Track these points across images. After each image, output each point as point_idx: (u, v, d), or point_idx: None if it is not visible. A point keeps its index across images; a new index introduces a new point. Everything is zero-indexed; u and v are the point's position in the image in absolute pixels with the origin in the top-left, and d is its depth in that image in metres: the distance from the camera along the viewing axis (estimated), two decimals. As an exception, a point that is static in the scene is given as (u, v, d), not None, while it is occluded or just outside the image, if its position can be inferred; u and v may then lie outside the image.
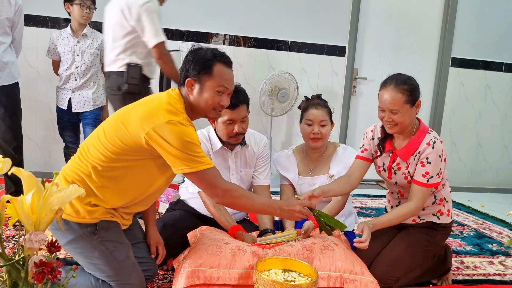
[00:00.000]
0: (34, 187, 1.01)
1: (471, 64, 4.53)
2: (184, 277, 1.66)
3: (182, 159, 1.57)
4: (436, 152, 1.89)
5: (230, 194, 1.65)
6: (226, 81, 1.71)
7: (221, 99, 1.71)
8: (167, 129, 1.56)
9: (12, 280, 1.01)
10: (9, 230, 2.41)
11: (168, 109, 1.62)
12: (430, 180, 1.90)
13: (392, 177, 2.06)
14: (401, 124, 1.92)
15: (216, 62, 1.71)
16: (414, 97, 1.93)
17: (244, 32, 4.07)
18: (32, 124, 3.70)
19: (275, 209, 1.74)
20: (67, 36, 3.09)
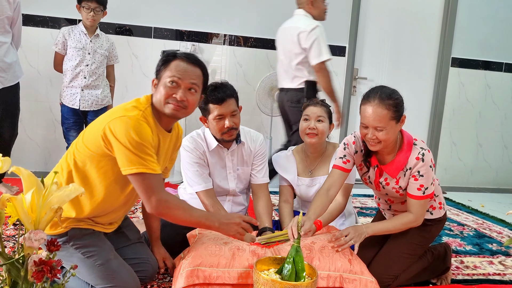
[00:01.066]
0: (34, 186, 1.02)
1: (471, 64, 4.53)
2: (183, 277, 1.66)
3: (127, 157, 1.51)
4: (426, 164, 1.85)
5: (165, 205, 1.58)
6: (179, 72, 1.64)
7: (174, 91, 1.63)
8: (118, 123, 1.53)
9: (12, 278, 1.01)
10: (9, 230, 2.41)
11: (125, 107, 1.62)
12: (426, 191, 1.88)
13: (381, 189, 2.03)
14: (385, 142, 1.81)
15: (177, 58, 1.67)
16: (399, 113, 1.81)
17: (244, 32, 4.07)
18: (32, 124, 3.70)
19: (214, 222, 1.67)
20: (80, 33, 3.10)
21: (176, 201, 1.65)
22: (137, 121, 1.55)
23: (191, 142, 2.19)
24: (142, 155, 1.53)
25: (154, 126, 1.66)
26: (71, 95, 3.13)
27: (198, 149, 2.17)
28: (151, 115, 1.66)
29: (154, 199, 1.56)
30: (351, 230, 1.87)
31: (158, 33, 3.90)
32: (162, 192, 1.60)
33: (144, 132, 1.55)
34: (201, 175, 2.16)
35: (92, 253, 1.66)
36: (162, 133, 1.71)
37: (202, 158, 2.18)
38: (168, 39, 3.93)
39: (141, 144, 1.53)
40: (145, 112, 1.62)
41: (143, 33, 3.87)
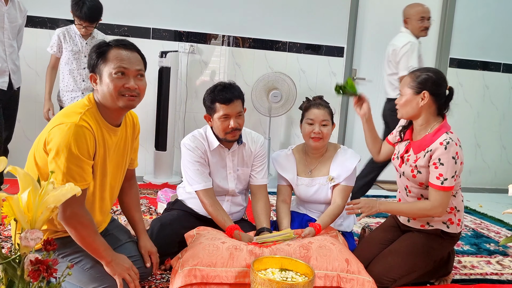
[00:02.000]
0: (30, 185, 1.02)
1: (469, 64, 4.54)
2: (181, 276, 1.66)
3: (59, 168, 1.47)
4: (448, 153, 1.84)
5: (77, 219, 1.53)
6: (123, 61, 1.57)
7: (124, 82, 1.57)
8: (56, 133, 1.49)
9: (8, 278, 1.01)
10: (7, 231, 2.41)
11: (65, 112, 1.57)
12: (445, 182, 1.86)
13: (401, 166, 2.05)
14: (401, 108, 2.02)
15: (111, 47, 1.59)
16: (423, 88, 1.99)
17: (243, 33, 4.08)
18: (31, 125, 3.71)
19: (108, 256, 1.61)
20: (75, 36, 3.09)
21: (88, 221, 1.57)
22: (75, 128, 1.49)
23: (193, 141, 2.19)
24: (75, 170, 1.50)
25: (98, 126, 1.60)
26: (72, 99, 3.13)
27: (199, 148, 2.18)
28: (94, 114, 1.60)
29: (69, 211, 1.51)
30: (363, 200, 1.93)
31: (156, 34, 3.91)
32: (80, 206, 1.54)
33: (82, 141, 1.51)
34: (202, 174, 2.16)
35: (79, 259, 1.65)
36: (110, 130, 1.66)
37: (203, 157, 2.19)
38: (167, 40, 3.93)
39: (77, 157, 1.49)
40: (86, 114, 1.56)
41: (141, 34, 3.88)
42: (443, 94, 1.98)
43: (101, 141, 1.62)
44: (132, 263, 1.69)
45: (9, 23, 2.81)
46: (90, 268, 1.65)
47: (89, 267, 1.65)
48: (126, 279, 1.63)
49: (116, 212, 2.88)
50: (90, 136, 1.54)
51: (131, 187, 1.94)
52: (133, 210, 1.92)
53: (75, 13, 2.95)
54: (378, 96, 4.48)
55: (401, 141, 2.12)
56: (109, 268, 1.62)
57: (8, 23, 2.81)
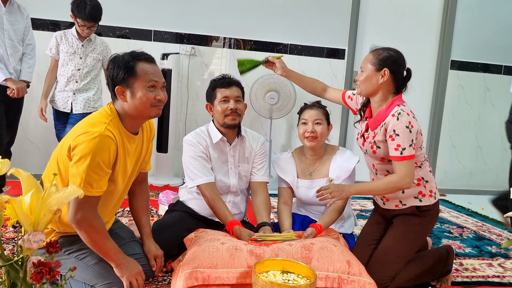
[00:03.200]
0: (33, 187, 1.02)
1: (470, 66, 4.54)
2: (182, 279, 1.66)
3: (78, 175, 1.55)
4: (401, 123, 1.87)
5: (87, 222, 1.59)
6: (152, 75, 1.69)
7: (155, 93, 1.69)
8: (80, 140, 1.56)
9: (11, 280, 1.02)
10: (9, 232, 2.42)
11: (90, 122, 1.65)
12: (404, 152, 1.88)
13: (364, 144, 2.08)
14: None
15: (137, 62, 1.69)
16: None
17: (244, 35, 4.08)
18: (32, 127, 3.71)
19: (119, 259, 1.66)
20: (72, 38, 3.10)
21: (99, 226, 1.63)
22: (100, 137, 1.57)
23: (194, 137, 2.25)
24: (94, 177, 1.56)
25: (120, 136, 1.68)
26: (63, 98, 3.14)
27: (201, 143, 2.22)
28: (116, 125, 1.68)
29: (81, 214, 1.57)
30: (332, 185, 1.96)
31: (158, 36, 3.92)
32: (92, 211, 1.61)
33: (105, 151, 1.58)
34: (204, 168, 2.19)
35: (84, 255, 1.70)
36: (130, 138, 1.74)
37: (204, 152, 2.22)
38: (168, 42, 3.94)
39: (98, 166, 1.56)
40: (110, 124, 1.64)
41: (143, 36, 3.89)
42: (402, 73, 2.01)
43: (122, 149, 1.69)
44: (141, 268, 1.73)
45: (10, 25, 2.89)
46: (95, 264, 1.69)
47: (94, 263, 1.69)
48: (133, 284, 1.68)
49: (117, 214, 2.88)
50: (113, 146, 1.62)
51: (142, 191, 2.00)
52: (141, 214, 1.97)
53: (79, 14, 2.96)
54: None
55: (361, 120, 2.14)
56: (118, 270, 1.67)
57: (9, 25, 2.88)
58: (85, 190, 1.54)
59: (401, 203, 2.04)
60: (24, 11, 2.97)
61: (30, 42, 3.05)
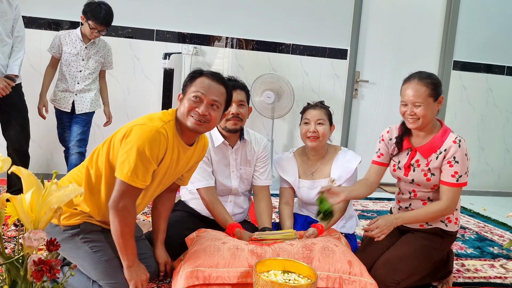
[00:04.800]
0: (34, 186, 1.02)
1: (473, 67, 4.53)
2: (183, 278, 1.66)
3: (127, 164, 1.58)
4: (462, 150, 1.90)
5: (124, 213, 1.61)
6: (203, 88, 1.71)
7: (198, 105, 1.70)
8: (137, 129, 1.61)
9: (11, 278, 1.02)
10: (10, 231, 2.42)
11: (151, 116, 1.70)
12: (460, 179, 1.91)
13: (409, 174, 2.05)
14: (423, 118, 1.91)
15: (203, 75, 1.75)
16: (437, 91, 1.94)
17: (246, 35, 4.08)
18: (34, 126, 3.70)
19: (131, 260, 1.67)
20: (76, 39, 3.09)
21: (132, 220, 1.66)
22: (155, 132, 1.61)
23: None
24: (141, 168, 1.59)
25: (173, 139, 1.70)
26: (64, 98, 3.14)
27: None
28: (172, 128, 1.71)
29: (123, 203, 1.61)
30: (380, 222, 1.93)
31: (160, 36, 3.92)
32: (133, 203, 1.65)
33: (156, 145, 1.61)
34: (204, 172, 2.18)
35: (99, 248, 1.71)
36: (182, 146, 1.75)
37: (206, 155, 2.20)
38: (170, 41, 3.94)
39: (147, 158, 1.59)
40: (167, 124, 1.68)
41: (145, 35, 3.89)
42: None
43: (171, 152, 1.70)
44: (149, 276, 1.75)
45: None
46: (107, 261, 1.70)
47: (106, 259, 1.70)
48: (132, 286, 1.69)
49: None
50: (164, 143, 1.64)
51: (169, 198, 2.02)
52: (161, 219, 1.99)
53: (93, 18, 2.96)
54: (381, 98, 4.49)
55: (398, 153, 2.09)
56: (127, 271, 1.68)
57: None
58: (131, 180, 1.58)
59: (427, 224, 2.05)
60: (13, 2, 2.81)
61: (18, 34, 2.88)
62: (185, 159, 1.82)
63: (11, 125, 2.85)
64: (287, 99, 3.85)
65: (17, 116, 2.86)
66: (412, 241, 2.04)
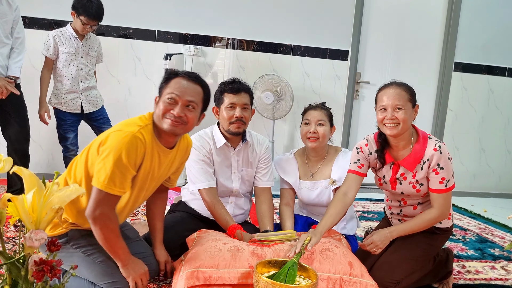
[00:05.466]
0: (35, 186, 1.02)
1: (474, 68, 4.53)
2: (184, 278, 1.66)
3: (104, 172, 1.55)
4: (444, 155, 1.89)
5: (103, 220, 1.59)
6: (178, 89, 1.68)
7: (172, 107, 1.67)
8: (114, 136, 1.59)
9: (13, 278, 1.02)
10: (10, 232, 2.42)
11: (127, 122, 1.68)
12: (448, 184, 1.91)
13: (397, 188, 2.04)
14: (403, 123, 1.87)
15: (178, 76, 1.72)
16: (414, 98, 1.95)
17: (247, 36, 4.09)
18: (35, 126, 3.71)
19: (127, 260, 1.67)
20: (71, 37, 3.08)
21: (114, 225, 1.63)
22: (131, 137, 1.58)
23: (198, 140, 2.22)
24: (119, 175, 1.56)
25: (151, 144, 1.67)
26: (71, 100, 3.12)
27: (204, 147, 2.21)
28: (150, 131, 1.68)
29: (100, 211, 1.58)
30: (375, 238, 1.93)
31: (161, 37, 3.92)
32: (110, 209, 1.61)
33: (133, 151, 1.58)
34: (206, 172, 2.18)
35: (92, 251, 1.70)
36: (161, 150, 1.73)
37: (208, 156, 2.21)
38: (171, 42, 3.94)
39: (124, 165, 1.57)
40: (144, 128, 1.65)
41: (146, 36, 3.89)
42: None
43: (150, 157, 1.68)
44: (147, 269, 1.74)
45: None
46: (102, 261, 1.69)
47: (101, 260, 1.69)
48: (138, 284, 1.69)
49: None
50: (141, 148, 1.62)
51: (162, 198, 2.01)
52: (157, 220, 1.99)
53: (84, 13, 2.96)
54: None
55: (381, 167, 2.05)
56: (124, 270, 1.68)
57: None
58: (108, 188, 1.56)
59: None
60: (13, 3, 2.81)
61: (18, 35, 2.89)
62: (167, 163, 1.79)
63: (10, 125, 2.85)
64: (286, 100, 3.85)
65: (17, 115, 2.86)
66: (409, 240, 2.03)
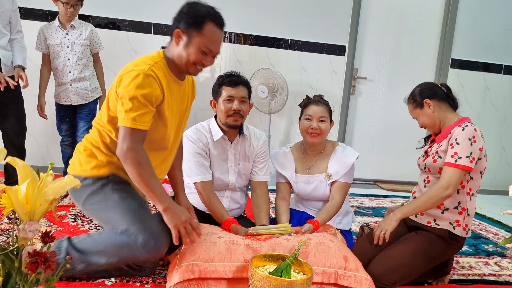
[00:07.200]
0: (29, 177, 1.01)
1: (471, 65, 4.54)
2: (179, 272, 1.66)
3: (124, 110, 1.63)
4: (465, 133, 1.90)
5: (132, 154, 1.63)
6: (213, 43, 1.75)
7: (204, 58, 1.76)
8: (126, 77, 1.66)
9: (6, 270, 1.01)
10: (4, 224, 2.41)
11: (136, 62, 1.73)
12: (459, 160, 1.88)
13: (425, 160, 2.10)
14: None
15: (209, 21, 1.73)
16: None
17: (245, 30, 4.07)
18: (30, 118, 3.68)
19: (164, 202, 1.66)
20: (56, 29, 3.05)
21: (144, 160, 1.66)
22: (143, 76, 1.65)
23: (195, 132, 2.23)
24: (138, 111, 1.63)
25: (165, 78, 1.75)
26: (62, 92, 3.12)
27: (201, 140, 2.20)
28: (161, 67, 1.75)
29: (126, 145, 1.64)
30: (380, 223, 1.99)
31: (158, 29, 3.90)
32: (137, 143, 1.66)
33: (148, 87, 1.64)
34: (202, 166, 2.17)
35: (128, 196, 1.76)
36: (175, 81, 1.82)
37: (204, 149, 2.20)
38: (168, 35, 3.90)
39: (140, 100, 1.63)
40: (155, 65, 1.71)
41: (143, 28, 3.87)
42: (441, 92, 2.11)
43: (168, 91, 1.75)
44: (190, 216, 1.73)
45: None
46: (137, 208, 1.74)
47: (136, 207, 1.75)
48: (181, 232, 1.65)
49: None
50: (155, 85, 1.68)
51: (178, 149, 2.06)
52: (176, 170, 2.06)
53: None
54: (378, 96, 4.49)
55: (424, 145, 2.25)
56: (166, 215, 1.67)
57: None
58: (130, 123, 1.63)
59: (435, 221, 2.02)
60: None
61: (20, 29, 2.91)
62: (184, 94, 1.90)
63: (6, 118, 2.84)
64: (281, 94, 3.84)
65: (13, 107, 2.85)
66: (413, 242, 2.01)
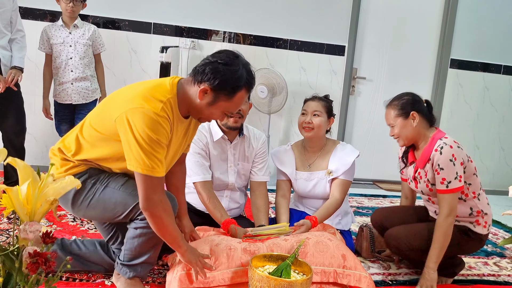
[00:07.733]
0: (30, 177, 1.01)
1: (470, 65, 4.53)
2: (177, 280, 1.65)
3: (138, 155, 1.50)
4: (445, 156, 1.91)
5: (163, 206, 1.56)
6: (237, 107, 1.71)
7: (223, 117, 1.73)
8: (136, 116, 1.50)
9: (6, 270, 1.01)
10: (3, 224, 2.41)
11: (146, 96, 1.55)
12: (450, 185, 1.92)
13: (418, 186, 2.11)
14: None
15: (243, 88, 1.63)
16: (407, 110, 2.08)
17: (244, 30, 4.07)
18: (30, 118, 3.68)
19: (184, 245, 1.66)
20: (59, 28, 3.09)
21: (170, 208, 1.61)
22: (156, 117, 1.51)
23: None
24: (152, 157, 1.51)
25: (173, 116, 1.62)
26: (63, 90, 3.13)
27: (201, 140, 2.20)
28: (172, 105, 1.60)
29: (157, 197, 1.54)
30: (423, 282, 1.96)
31: (157, 29, 3.90)
32: (164, 193, 1.59)
33: (161, 131, 1.52)
34: (201, 166, 2.17)
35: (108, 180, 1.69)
36: (180, 121, 1.69)
37: (204, 149, 2.20)
38: (168, 35, 3.92)
39: (156, 145, 1.51)
40: (166, 103, 1.57)
41: (142, 28, 3.86)
42: (425, 108, 2.10)
43: (175, 130, 1.66)
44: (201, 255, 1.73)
45: None
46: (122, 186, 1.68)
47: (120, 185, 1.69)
48: (194, 269, 1.65)
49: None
50: (167, 125, 1.56)
51: (181, 170, 2.00)
52: (180, 193, 1.98)
53: None
54: (377, 96, 4.49)
55: (407, 166, 2.18)
56: (185, 257, 1.66)
57: None
58: (150, 172, 1.51)
59: (456, 220, 2.06)
60: None
61: (20, 28, 2.90)
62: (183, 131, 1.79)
63: (6, 117, 2.83)
64: (281, 94, 3.84)
65: (13, 107, 2.85)
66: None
